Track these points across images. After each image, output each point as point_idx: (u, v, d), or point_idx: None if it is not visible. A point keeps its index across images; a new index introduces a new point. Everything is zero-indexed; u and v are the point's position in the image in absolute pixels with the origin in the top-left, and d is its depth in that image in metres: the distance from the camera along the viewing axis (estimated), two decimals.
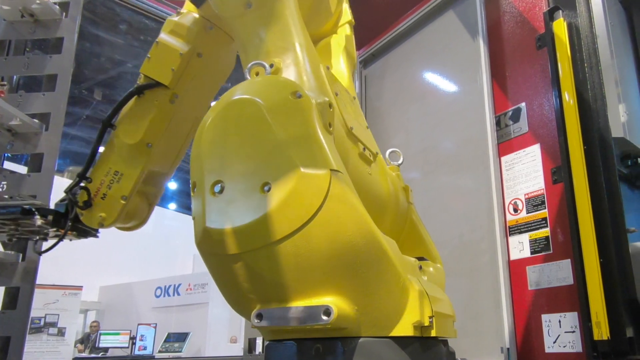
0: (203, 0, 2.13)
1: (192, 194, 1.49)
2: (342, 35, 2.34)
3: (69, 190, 2.14)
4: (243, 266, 1.36)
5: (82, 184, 2.16)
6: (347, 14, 2.40)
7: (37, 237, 2.17)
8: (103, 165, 2.19)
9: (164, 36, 2.19)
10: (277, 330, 1.41)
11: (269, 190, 1.32)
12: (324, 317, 1.26)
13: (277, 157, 1.36)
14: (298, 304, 1.33)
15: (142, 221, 2.42)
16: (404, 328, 1.43)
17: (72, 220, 2.12)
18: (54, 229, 2.11)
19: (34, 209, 1.98)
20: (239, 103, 1.47)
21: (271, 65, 1.69)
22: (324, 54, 2.30)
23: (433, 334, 1.49)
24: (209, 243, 1.40)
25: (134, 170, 2.17)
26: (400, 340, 1.42)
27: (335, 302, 1.30)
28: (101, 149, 2.22)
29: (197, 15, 2.23)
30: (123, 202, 2.15)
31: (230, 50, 2.37)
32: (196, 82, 2.25)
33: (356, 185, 1.50)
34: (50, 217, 2.05)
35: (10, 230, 2.08)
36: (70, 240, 2.24)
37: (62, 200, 2.16)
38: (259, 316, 1.37)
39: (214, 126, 1.49)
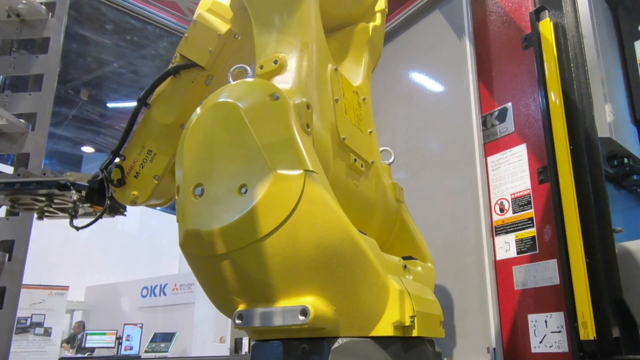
0: None
1: (176, 197, 1.50)
2: (370, 25, 2.30)
3: (105, 168, 2.13)
4: (223, 267, 1.37)
5: (116, 161, 2.16)
6: (381, 1, 2.37)
7: (68, 214, 2.17)
8: (136, 143, 2.19)
9: (202, 14, 2.16)
10: (262, 331, 1.41)
11: (245, 192, 1.33)
12: (301, 317, 1.27)
13: (253, 159, 1.37)
14: (281, 304, 1.34)
15: (169, 200, 2.40)
16: (384, 328, 1.43)
17: (109, 198, 2.12)
18: (88, 205, 2.12)
19: (69, 184, 1.98)
20: (218, 107, 1.48)
21: (275, 62, 1.70)
22: (346, 44, 2.28)
23: (415, 333, 1.49)
24: (190, 244, 1.42)
25: (167, 150, 2.16)
26: (382, 340, 1.43)
27: (313, 303, 1.31)
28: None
29: None
30: (155, 182, 2.15)
31: None
32: (232, 63, 2.20)
33: (340, 194, 1.50)
34: (84, 193, 2.05)
35: (43, 207, 2.08)
36: (102, 217, 2.23)
37: (94, 177, 2.15)
38: (240, 316, 1.38)
39: (194, 130, 1.50)
